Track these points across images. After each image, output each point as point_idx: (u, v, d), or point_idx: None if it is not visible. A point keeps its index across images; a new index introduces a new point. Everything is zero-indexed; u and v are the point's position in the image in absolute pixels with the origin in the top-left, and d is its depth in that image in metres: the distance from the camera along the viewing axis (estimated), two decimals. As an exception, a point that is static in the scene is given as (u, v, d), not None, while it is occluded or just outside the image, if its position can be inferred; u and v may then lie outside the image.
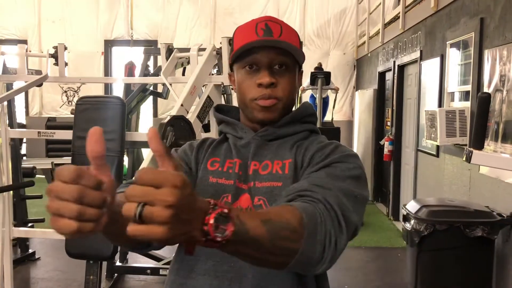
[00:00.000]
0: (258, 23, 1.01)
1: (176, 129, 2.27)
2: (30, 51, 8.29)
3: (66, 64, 3.35)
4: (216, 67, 3.35)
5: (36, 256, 4.27)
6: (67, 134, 2.88)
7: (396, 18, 5.61)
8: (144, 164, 2.27)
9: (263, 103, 1.00)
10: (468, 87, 3.51)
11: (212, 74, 3.16)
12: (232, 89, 4.54)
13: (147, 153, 2.42)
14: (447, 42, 3.94)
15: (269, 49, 0.98)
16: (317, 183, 0.85)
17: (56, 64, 3.35)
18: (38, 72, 4.35)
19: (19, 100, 8.58)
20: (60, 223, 0.57)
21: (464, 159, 1.93)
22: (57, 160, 7.14)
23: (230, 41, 2.77)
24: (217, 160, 1.03)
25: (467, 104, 3.55)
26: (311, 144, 1.02)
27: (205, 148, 1.08)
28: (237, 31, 1.04)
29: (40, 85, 3.37)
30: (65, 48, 3.36)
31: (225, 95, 4.15)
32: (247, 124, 1.07)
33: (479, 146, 1.85)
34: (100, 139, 0.61)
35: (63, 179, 0.57)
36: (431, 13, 4.29)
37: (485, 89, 3.12)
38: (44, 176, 7.30)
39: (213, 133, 2.88)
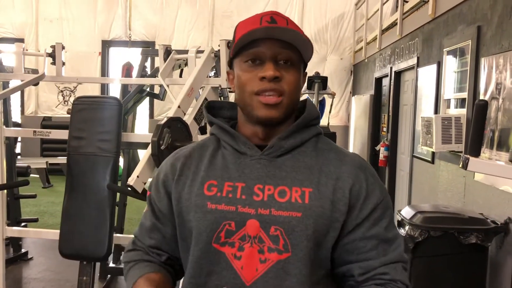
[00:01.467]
0: (263, 16, 0.93)
1: (172, 131, 2.26)
2: (27, 50, 8.25)
3: (63, 63, 3.34)
4: (214, 69, 3.35)
5: (29, 256, 4.24)
6: (62, 134, 2.87)
7: (393, 24, 5.64)
8: (139, 165, 2.26)
9: (266, 100, 0.90)
10: (464, 95, 3.53)
11: (210, 77, 3.16)
12: (230, 90, 4.54)
13: (143, 154, 2.42)
14: (444, 49, 3.96)
15: (273, 42, 0.90)
16: (382, 261, 0.92)
17: (53, 63, 3.34)
18: (35, 71, 4.33)
19: (15, 99, 8.55)
20: None
21: (460, 166, 1.94)
22: (52, 160, 7.12)
23: (229, 44, 2.77)
24: (213, 183, 0.94)
25: (463, 111, 3.57)
26: (338, 169, 0.94)
27: (193, 167, 0.98)
28: (239, 25, 0.96)
29: (36, 84, 3.36)
30: (63, 48, 3.35)
31: (222, 98, 4.15)
32: (246, 128, 0.97)
33: (476, 153, 1.85)
34: None
35: None
36: (429, 20, 4.31)
37: (481, 97, 3.13)
38: (38, 176, 7.27)
39: (210, 136, 2.88)
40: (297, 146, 0.96)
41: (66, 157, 2.74)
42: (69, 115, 2.82)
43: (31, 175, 4.37)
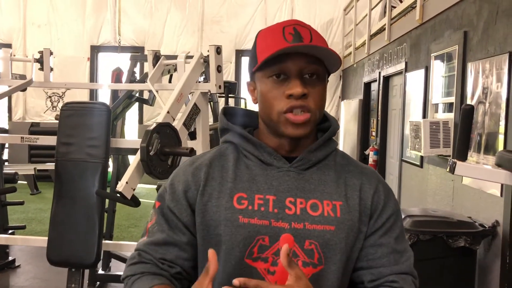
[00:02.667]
0: (285, 27, 0.91)
1: (162, 136, 2.26)
2: (14, 55, 8.18)
3: (51, 69, 3.32)
4: (203, 74, 3.35)
5: (16, 264, 4.18)
6: (51, 140, 2.85)
7: (382, 29, 5.68)
8: (128, 171, 2.25)
9: (295, 119, 0.88)
10: (452, 99, 3.56)
11: (199, 82, 3.16)
12: (230, 96, 4.53)
13: (132, 160, 2.40)
14: (431, 54, 4.00)
15: (300, 56, 0.88)
16: (394, 270, 0.94)
17: (41, 69, 3.31)
18: (22, 76, 4.30)
19: (2, 104, 8.47)
20: None
21: (448, 170, 1.95)
22: (40, 166, 7.05)
23: (218, 49, 2.77)
24: (243, 196, 0.91)
25: (451, 115, 3.60)
26: (360, 181, 0.95)
27: (218, 178, 0.94)
28: (261, 36, 0.93)
29: (24, 89, 3.33)
30: (51, 53, 3.33)
31: (211, 103, 4.15)
32: (270, 140, 0.94)
33: (463, 157, 1.87)
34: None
35: None
36: (416, 25, 4.36)
37: (468, 101, 3.17)
38: (26, 182, 7.20)
39: (199, 142, 2.88)
40: (321, 160, 0.96)
41: (54, 163, 2.72)
42: (57, 121, 2.80)
43: (18, 181, 4.32)
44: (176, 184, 0.96)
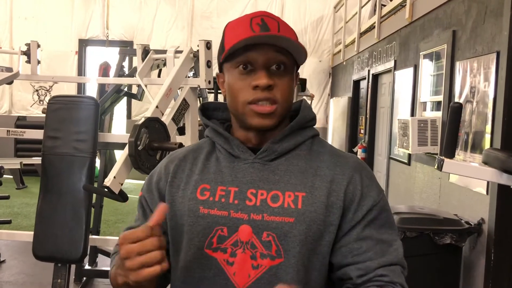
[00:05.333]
0: (252, 18, 0.90)
1: (150, 131, 2.24)
2: (0, 47, 8.07)
3: (38, 62, 3.28)
4: (193, 70, 3.33)
5: (1, 259, 4.14)
6: (37, 134, 2.81)
7: (371, 27, 5.71)
8: (116, 166, 2.23)
9: (260, 109, 0.88)
10: (440, 98, 3.59)
11: (188, 77, 3.15)
12: (219, 92, 4.52)
13: (119, 155, 2.39)
14: (420, 53, 4.02)
15: (267, 47, 0.87)
16: (381, 263, 0.90)
17: (28, 61, 3.27)
18: (9, 69, 4.24)
19: (-12, 97, 8.35)
20: (147, 271, 0.76)
21: (435, 167, 1.97)
22: (26, 160, 6.96)
23: (208, 44, 2.76)
24: (206, 187, 0.92)
25: (439, 114, 3.64)
26: (332, 171, 0.92)
27: (187, 170, 0.96)
28: (229, 27, 0.94)
29: (10, 82, 3.28)
30: (38, 46, 3.29)
31: (201, 98, 4.13)
32: (239, 132, 0.95)
33: (451, 155, 1.89)
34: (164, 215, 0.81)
35: (140, 236, 0.77)
36: (406, 24, 4.38)
37: (456, 100, 3.20)
38: (12, 177, 7.11)
39: (188, 137, 2.86)
40: (291, 149, 0.94)
41: (41, 158, 2.69)
42: (44, 115, 2.77)
43: (4, 176, 4.26)
44: (152, 176, 1.01)
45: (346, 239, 0.91)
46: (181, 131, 3.05)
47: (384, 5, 5.28)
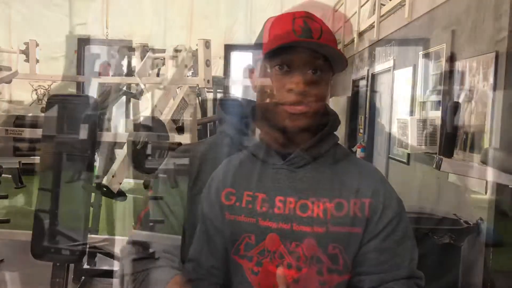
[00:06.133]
0: (295, 18, 0.88)
1: (149, 130, 2.24)
2: (-1, 47, 8.06)
3: (37, 61, 3.28)
4: (192, 69, 3.33)
5: (0, 258, 4.13)
6: (36, 133, 2.81)
7: (371, 27, 5.70)
8: (115, 165, 2.23)
9: (292, 109, 0.86)
10: (439, 97, 3.59)
11: (188, 76, 3.14)
12: (219, 91, 4.51)
13: (118, 154, 2.39)
14: (419, 53, 4.02)
15: (305, 51, 0.86)
16: (395, 276, 0.90)
17: (27, 60, 3.27)
18: (7, 68, 4.23)
19: (-13, 96, 8.34)
20: None
21: (434, 166, 1.97)
22: (25, 160, 6.94)
23: (207, 44, 2.76)
24: (232, 192, 0.89)
25: (438, 113, 3.63)
26: (357, 181, 0.91)
27: (209, 169, 0.93)
28: (271, 24, 0.91)
29: (9, 82, 3.28)
30: (37, 45, 3.29)
31: (200, 98, 4.13)
32: (265, 131, 0.92)
33: (449, 154, 1.89)
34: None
35: None
36: (405, 23, 4.37)
37: (455, 100, 3.19)
38: (10, 176, 7.09)
39: (187, 136, 2.86)
40: (318, 157, 0.92)
41: (39, 157, 2.68)
42: (43, 114, 2.77)
43: (2, 175, 4.26)
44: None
45: (364, 249, 0.90)
46: (180, 130, 3.05)
47: (384, 5, 5.27)
